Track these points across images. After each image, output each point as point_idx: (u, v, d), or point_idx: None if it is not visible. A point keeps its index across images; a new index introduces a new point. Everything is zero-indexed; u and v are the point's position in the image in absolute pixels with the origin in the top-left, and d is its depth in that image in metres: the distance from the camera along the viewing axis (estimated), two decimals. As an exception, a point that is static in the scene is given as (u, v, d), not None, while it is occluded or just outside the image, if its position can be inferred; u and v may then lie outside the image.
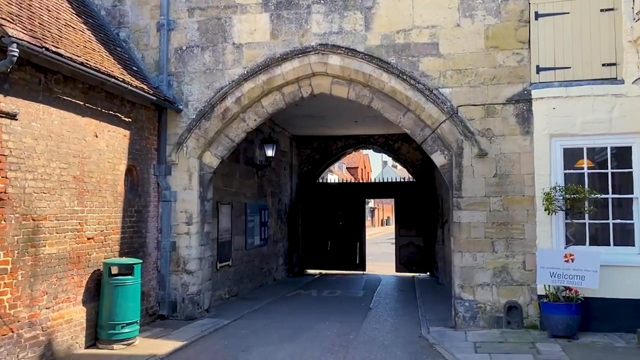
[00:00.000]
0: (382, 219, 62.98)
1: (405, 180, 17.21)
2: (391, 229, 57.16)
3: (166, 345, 7.51)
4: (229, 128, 9.65)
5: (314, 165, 17.84)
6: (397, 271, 17.07)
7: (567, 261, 7.54)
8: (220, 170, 11.05)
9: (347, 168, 48.79)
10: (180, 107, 9.52)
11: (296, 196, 17.46)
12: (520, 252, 8.36)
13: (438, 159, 9.06)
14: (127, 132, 8.55)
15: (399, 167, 18.23)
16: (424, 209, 16.88)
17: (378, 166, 65.62)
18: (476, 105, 8.67)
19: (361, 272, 17.15)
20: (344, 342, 7.82)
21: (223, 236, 11.33)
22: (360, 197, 17.34)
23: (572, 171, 8.34)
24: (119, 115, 8.31)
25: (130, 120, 8.62)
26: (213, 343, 7.82)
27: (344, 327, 8.84)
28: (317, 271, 17.46)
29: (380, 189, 17.39)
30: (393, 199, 17.61)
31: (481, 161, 8.59)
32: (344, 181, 17.87)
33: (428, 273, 16.76)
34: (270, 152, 13.62)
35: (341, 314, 9.96)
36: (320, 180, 18.02)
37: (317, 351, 7.34)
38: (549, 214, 8.01)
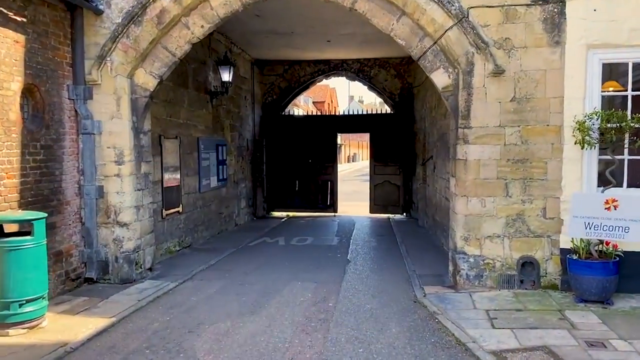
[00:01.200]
0: (349, 156, 61.26)
1: (382, 112, 15.19)
2: (358, 165, 55.61)
3: (85, 326, 5.53)
4: (167, 37, 7.26)
5: (280, 95, 15.51)
6: (371, 212, 15.40)
7: (608, 208, 5.82)
8: (162, 95, 8.73)
9: (313, 102, 46.30)
10: (101, 6, 7.03)
11: (260, 130, 15.23)
12: (540, 196, 6.60)
13: (440, 78, 7.01)
14: (21, 38, 6.08)
15: (366, 102, 15.96)
16: (403, 145, 15.02)
17: (345, 101, 63.13)
18: (492, 6, 6.56)
19: (332, 214, 15.40)
20: (322, 313, 6.02)
21: (169, 178, 9.18)
22: (331, 131, 15.28)
23: (612, 93, 6.49)
24: (5, 11, 5.81)
25: (25, 20, 6.13)
26: (151, 319, 5.88)
27: (319, 289, 7.05)
28: (285, 214, 15.62)
29: (354, 122, 15.35)
30: (368, 134, 15.64)
31: (496, 81, 6.60)
32: (313, 113, 15.77)
33: (405, 214, 15.17)
34: (226, 76, 11.24)
35: (315, 270, 8.18)
36: (287, 113, 15.80)
37: (288, 329, 5.52)
38: (582, 148, 6.20)
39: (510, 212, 6.66)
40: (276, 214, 15.73)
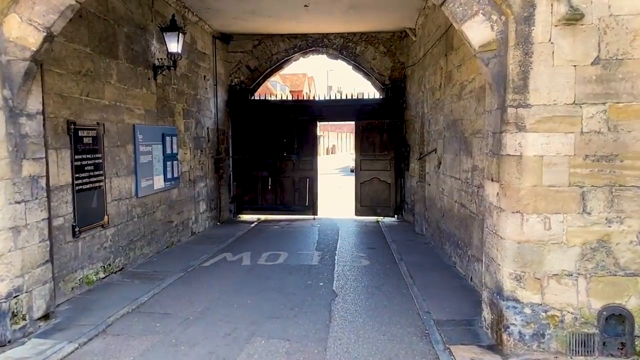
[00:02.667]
0: (328, 148, 58.67)
1: (371, 97, 12.68)
2: (338, 158, 52.93)
3: None
4: (52, -37, 4.59)
5: (249, 77, 12.85)
6: (357, 214, 12.91)
7: None
8: (71, 64, 6.09)
9: (290, 91, 43.55)
10: None
11: (224, 118, 12.57)
12: (636, 213, 4.19)
13: (477, 31, 4.49)
14: None
15: (346, 93, 13.27)
16: (394, 136, 12.56)
17: (324, 92, 60.58)
18: None
19: (312, 217, 12.87)
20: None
21: (86, 180, 6.50)
22: (310, 119, 12.72)
23: None
24: None
25: None
26: None
27: (294, 356, 4.53)
28: (255, 217, 13.04)
29: (337, 109, 12.82)
30: (352, 123, 13.12)
31: (570, 32, 4.14)
32: (289, 97, 13.12)
33: (396, 216, 12.74)
34: (175, 46, 8.55)
35: (288, 315, 5.64)
36: (257, 97, 13.15)
37: None
38: None
39: (589, 237, 4.24)
40: (245, 217, 13.14)
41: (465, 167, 6.91)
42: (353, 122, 13.07)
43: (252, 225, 11.99)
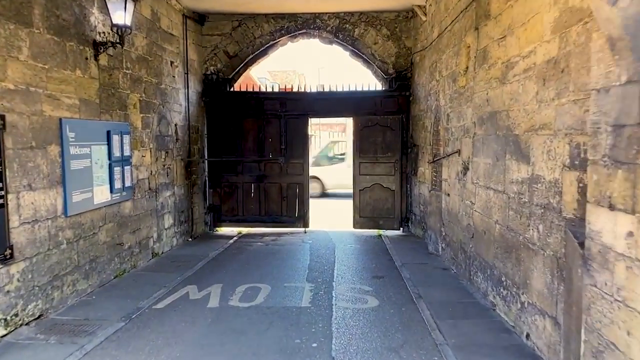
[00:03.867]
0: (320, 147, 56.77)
1: (371, 89, 10.64)
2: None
3: None
4: None
5: (227, 64, 10.76)
6: (355, 226, 10.87)
7: None
8: None
9: (280, 89, 41.31)
10: None
11: (198, 113, 10.48)
12: None
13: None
14: None
15: (342, 84, 10.93)
16: (399, 134, 10.55)
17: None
18: None
19: (302, 230, 10.82)
20: None
21: (-30, 197, 4.40)
22: (301, 115, 10.67)
23: None
24: None
25: None
26: None
27: None
28: (236, 229, 10.97)
29: (333, 103, 10.75)
30: (350, 119, 11.08)
31: None
32: (275, 90, 10.93)
33: (402, 229, 10.72)
34: (121, 17, 6.44)
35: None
36: (238, 89, 11.06)
37: None
38: None
39: None
40: (224, 229, 11.07)
41: (516, 177, 4.90)
42: (351, 119, 11.01)
43: (231, 241, 9.90)
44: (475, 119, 6.25)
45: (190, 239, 10.04)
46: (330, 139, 26.27)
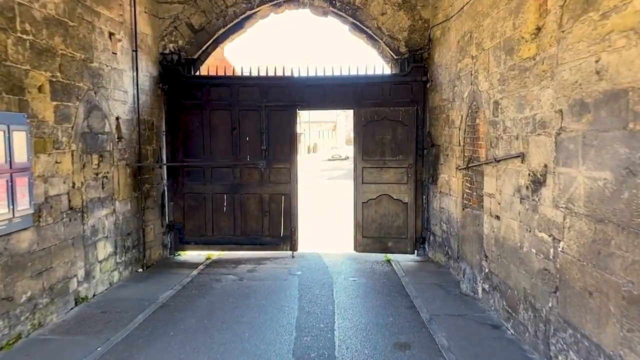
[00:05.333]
0: (309, 146, 53.94)
1: (377, 73, 8.20)
2: (319, 157, 47.69)
3: None
4: None
5: (192, 41, 8.29)
6: (357, 249, 8.46)
7: None
8: None
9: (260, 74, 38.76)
10: None
11: (154, 104, 8.01)
12: None
13: None
14: None
15: (340, 66, 7.96)
16: (414, 131, 8.17)
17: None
18: None
19: (290, 254, 8.41)
20: None
21: None
22: (288, 106, 8.22)
23: None
24: None
25: None
26: None
27: None
28: (205, 253, 8.53)
29: (328, 91, 8.30)
30: (351, 111, 8.63)
31: None
32: (254, 74, 8.41)
33: (416, 252, 8.34)
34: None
35: None
36: (206, 74, 8.56)
37: None
38: None
39: None
40: (190, 253, 8.62)
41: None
42: (351, 111, 8.58)
43: (195, 272, 7.45)
44: (566, 105, 3.87)
45: (141, 269, 7.56)
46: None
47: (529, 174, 4.53)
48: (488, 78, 5.63)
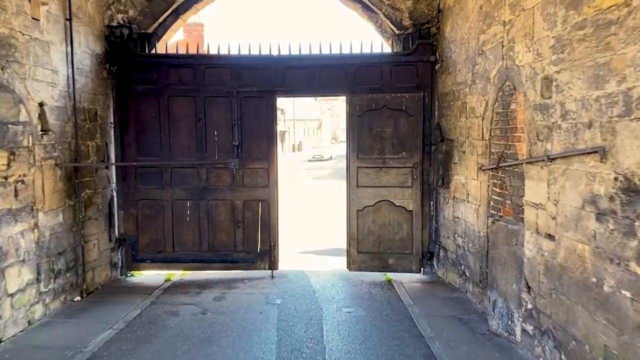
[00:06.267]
0: (294, 144, 52.12)
1: (375, 52, 6.65)
2: (304, 156, 45.63)
3: None
4: None
5: (145, 11, 6.66)
6: (351, 267, 6.92)
7: None
8: None
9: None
10: None
11: (97, 89, 6.38)
12: None
13: None
14: None
15: (329, 42, 6.23)
16: (421, 123, 6.66)
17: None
18: None
19: (268, 273, 6.85)
20: None
21: None
22: (265, 92, 6.65)
23: None
24: None
25: None
26: None
27: None
28: (166, 273, 6.93)
29: (315, 74, 6.75)
30: (343, 98, 7.05)
31: None
32: (223, 52, 6.88)
33: (422, 270, 6.84)
34: None
35: None
36: (164, 52, 6.91)
37: None
38: None
39: None
40: (147, 273, 7.02)
41: None
42: (344, 98, 7.02)
43: (148, 301, 5.86)
44: None
45: (79, 298, 5.94)
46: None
47: (617, 179, 3.04)
48: (532, 47, 4.14)
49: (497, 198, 5.03)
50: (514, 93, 4.57)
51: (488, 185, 5.22)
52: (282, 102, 46.43)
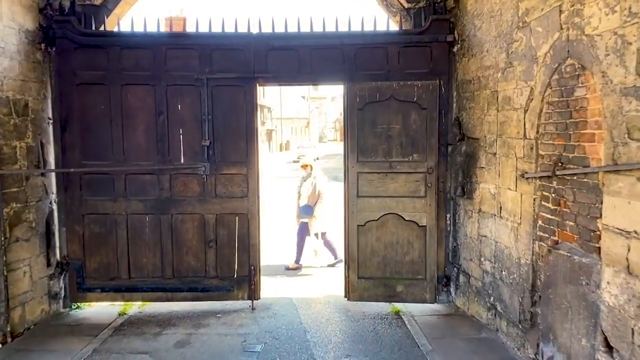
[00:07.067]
0: (281, 144, 50.56)
1: (380, 30, 5.38)
2: (292, 156, 43.84)
3: None
4: None
5: (91, -22, 5.30)
6: (351, 296, 5.59)
7: None
8: None
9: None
10: None
11: (26, 74, 4.99)
12: None
13: None
14: None
15: (323, 17, 4.98)
16: (437, 118, 5.37)
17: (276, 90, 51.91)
18: None
19: (247, 304, 5.52)
20: None
21: None
22: (243, 79, 5.35)
23: None
24: None
25: None
26: None
27: None
28: (120, 305, 5.57)
29: (304, 56, 5.43)
30: (342, 86, 5.81)
31: None
32: (190, 31, 5.69)
33: (436, 299, 5.54)
34: None
35: None
36: (117, 30, 5.58)
37: None
38: None
39: None
40: (98, 305, 5.64)
41: None
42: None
43: (89, 349, 4.55)
44: None
45: (0, 345, 4.55)
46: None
47: None
48: (620, 4, 2.87)
49: (549, 217, 3.77)
50: (582, 74, 3.31)
51: (534, 199, 3.96)
52: (267, 97, 44.71)
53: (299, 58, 5.41)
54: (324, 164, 35.27)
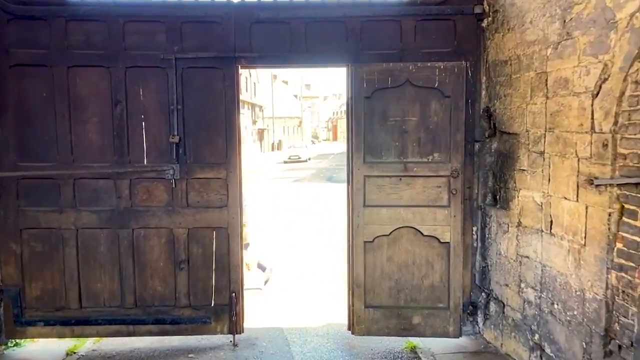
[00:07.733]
0: (273, 143, 49.33)
1: (390, 0, 4.43)
2: (284, 156, 42.52)
3: None
4: None
5: None
6: (356, 329, 4.53)
7: None
8: None
9: None
10: None
11: None
12: None
13: None
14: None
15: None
16: (464, 108, 4.31)
17: (267, 84, 51.10)
18: None
19: (228, 340, 4.45)
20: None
21: None
22: (220, 59, 4.30)
23: None
24: None
25: None
26: None
27: None
28: (68, 343, 4.46)
29: (298, 31, 4.48)
30: (345, 69, 4.79)
31: None
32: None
33: (461, 332, 4.49)
34: None
35: None
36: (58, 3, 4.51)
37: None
38: None
39: None
40: (41, 342, 4.52)
41: None
42: (344, 69, 4.61)
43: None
44: None
45: None
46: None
47: None
48: None
49: (635, 239, 2.73)
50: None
51: (609, 214, 2.93)
52: (259, 95, 43.36)
53: (291, 33, 4.35)
54: (317, 164, 34.25)
